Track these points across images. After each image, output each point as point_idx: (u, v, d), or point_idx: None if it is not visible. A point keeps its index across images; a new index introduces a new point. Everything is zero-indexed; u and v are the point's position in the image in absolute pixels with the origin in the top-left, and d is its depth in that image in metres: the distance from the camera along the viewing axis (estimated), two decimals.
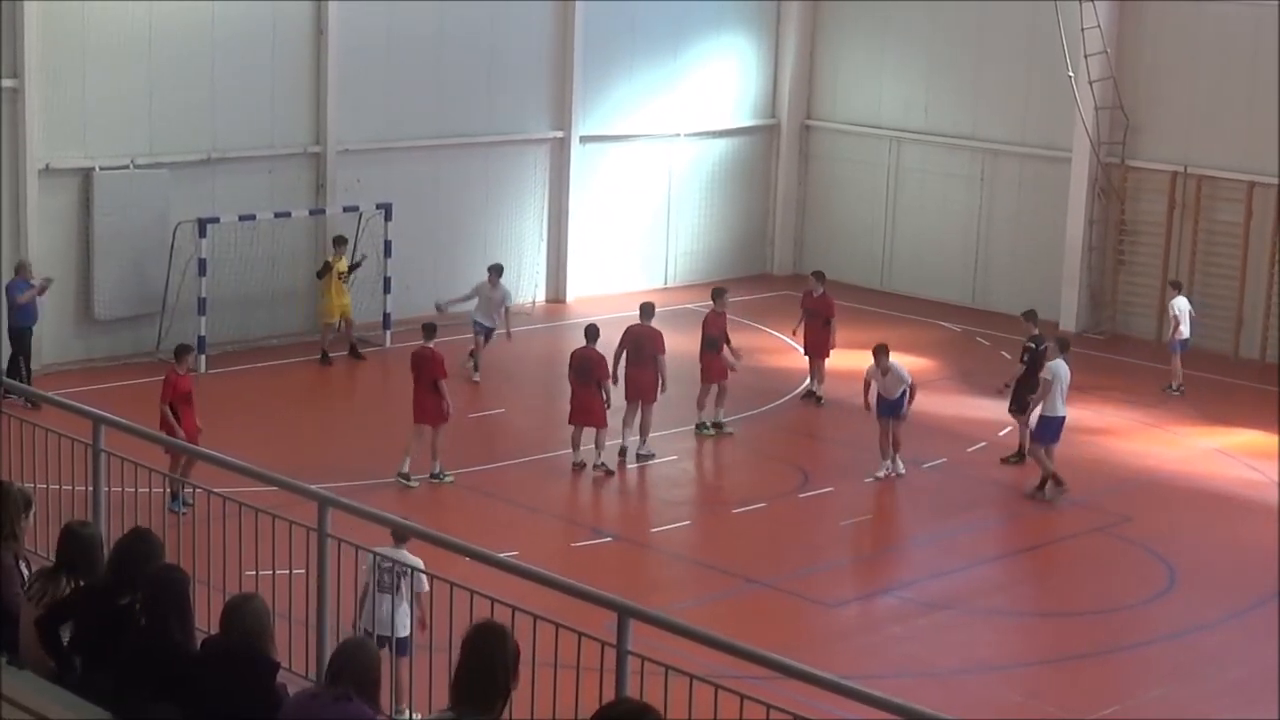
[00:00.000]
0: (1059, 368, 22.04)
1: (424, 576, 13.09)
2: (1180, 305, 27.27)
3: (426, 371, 21.62)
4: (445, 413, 21.62)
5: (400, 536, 13.25)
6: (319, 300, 28.07)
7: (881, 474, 22.34)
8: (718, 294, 25.14)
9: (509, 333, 26.78)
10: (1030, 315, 24.38)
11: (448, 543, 9.70)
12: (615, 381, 22.90)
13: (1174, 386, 27.10)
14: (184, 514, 17.18)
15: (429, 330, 22.10)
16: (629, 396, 23.13)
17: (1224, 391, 27.67)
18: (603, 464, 22.52)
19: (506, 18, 30.96)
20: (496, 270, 27.14)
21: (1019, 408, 23.52)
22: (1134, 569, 20.43)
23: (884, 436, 22.50)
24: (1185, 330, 27.18)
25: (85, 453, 11.05)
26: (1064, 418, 22.15)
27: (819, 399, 26.02)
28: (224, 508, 11.35)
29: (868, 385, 22.73)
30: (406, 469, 21.56)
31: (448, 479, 21.68)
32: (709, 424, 24.40)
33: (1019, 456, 23.47)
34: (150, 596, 8.32)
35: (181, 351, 20.83)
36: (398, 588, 13.73)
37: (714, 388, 24.38)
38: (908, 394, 22.40)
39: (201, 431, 20.17)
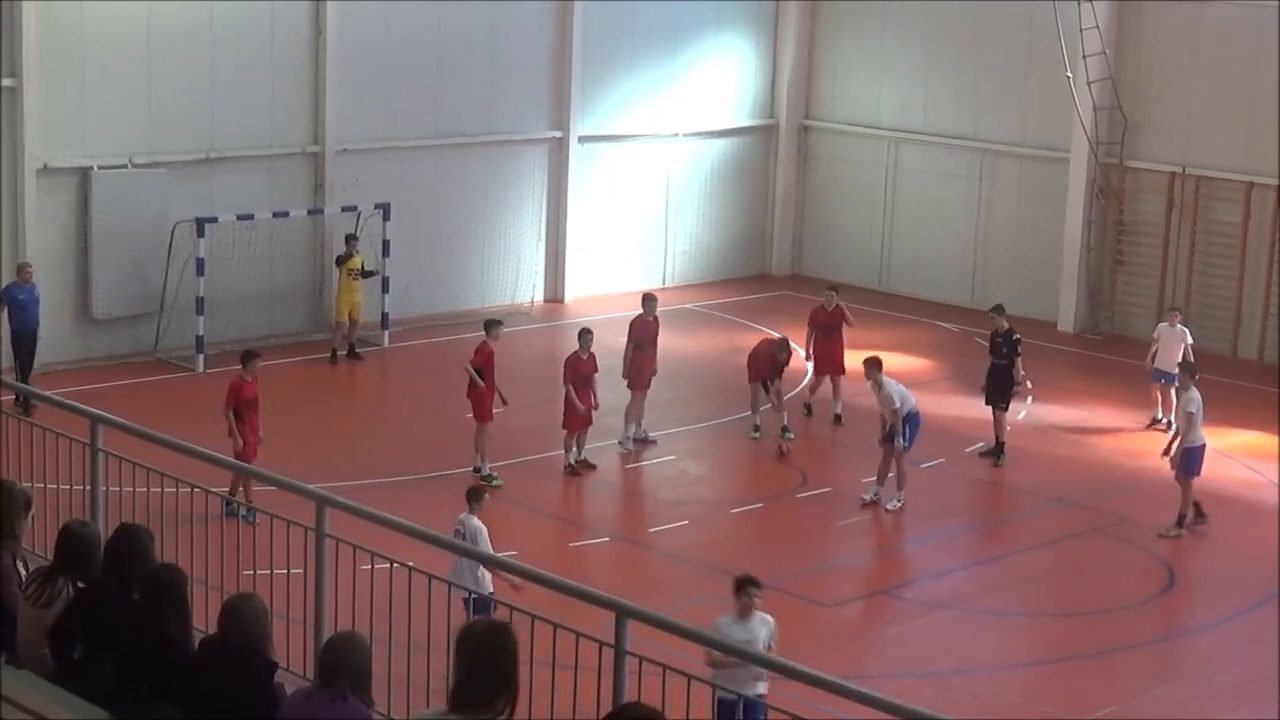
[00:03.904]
0: (1197, 396, 21.08)
1: (481, 537, 15.31)
2: (1186, 333, 25.34)
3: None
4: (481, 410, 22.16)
5: (473, 498, 16.05)
6: (334, 298, 28.10)
7: (869, 496, 21.73)
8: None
9: None
10: (999, 309, 24.27)
11: (447, 543, 9.71)
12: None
13: (1158, 420, 25.46)
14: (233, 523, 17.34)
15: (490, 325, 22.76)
16: (640, 385, 23.68)
17: (1222, 392, 27.60)
18: (585, 459, 22.68)
19: (505, 18, 30.97)
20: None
21: (1004, 402, 23.59)
22: (1133, 569, 20.43)
23: (884, 461, 21.71)
24: (1163, 360, 25.03)
25: (83, 452, 11.05)
26: (1205, 445, 21.20)
27: (838, 418, 25.20)
28: (222, 507, 11.35)
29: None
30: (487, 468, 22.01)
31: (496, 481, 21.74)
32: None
33: (999, 453, 23.56)
34: (148, 596, 8.31)
35: (247, 357, 20.77)
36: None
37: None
38: (907, 425, 21.46)
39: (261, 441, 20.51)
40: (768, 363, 24.09)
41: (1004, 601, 19.37)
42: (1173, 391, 25.24)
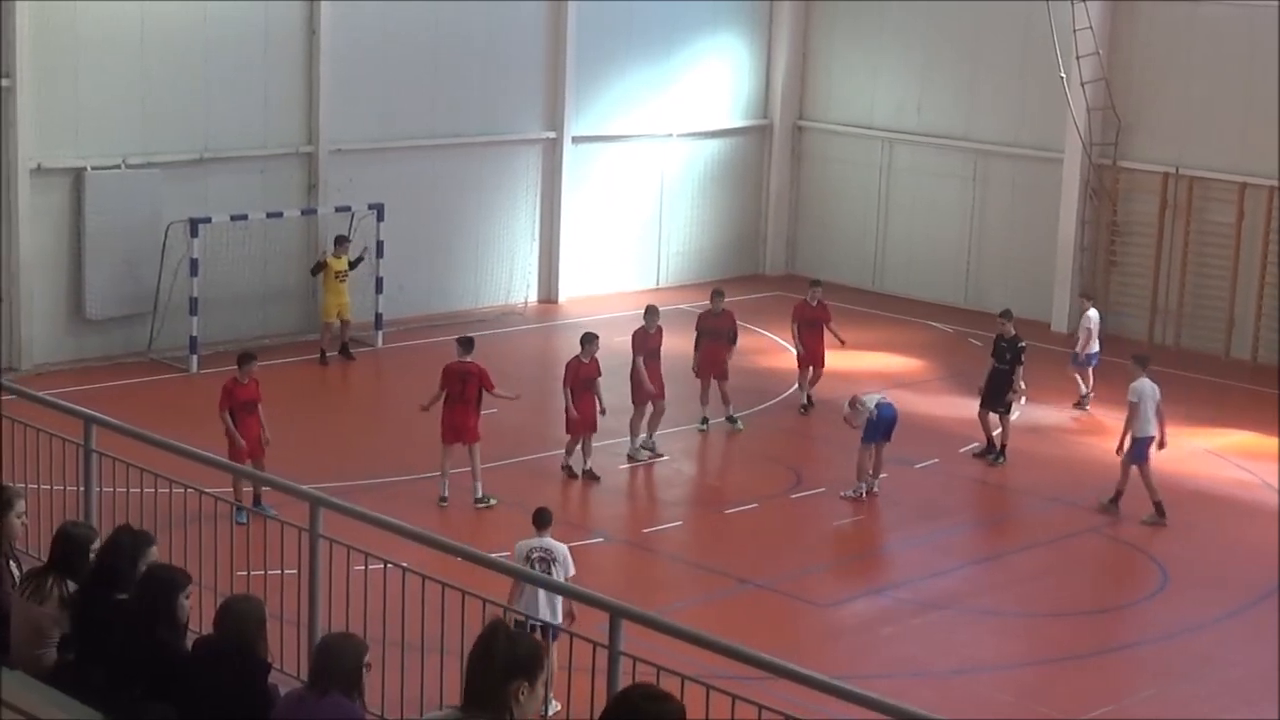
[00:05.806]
0: (1144, 387, 21.38)
1: (571, 561, 15.12)
2: (1093, 318, 26.41)
3: (473, 386, 21.03)
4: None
5: (542, 523, 15.34)
6: (321, 299, 28.10)
7: (851, 492, 21.88)
8: (718, 295, 25.26)
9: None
10: (1008, 314, 24.33)
11: (442, 544, 9.69)
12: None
13: (1084, 400, 26.34)
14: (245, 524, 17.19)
15: (466, 344, 21.39)
16: (638, 399, 23.40)
17: (1216, 392, 27.69)
18: (590, 469, 22.53)
19: (500, 18, 30.95)
20: None
21: (1004, 406, 23.65)
22: (1127, 569, 20.45)
23: (874, 460, 22.01)
24: (1095, 345, 26.30)
25: (77, 453, 11.03)
26: (1154, 437, 21.43)
27: (806, 405, 25.79)
28: (216, 508, 11.33)
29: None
30: (447, 492, 21.08)
31: (492, 502, 21.15)
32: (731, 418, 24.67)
33: (1000, 454, 23.57)
34: (141, 596, 8.30)
35: (243, 360, 20.58)
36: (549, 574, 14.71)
37: (714, 383, 24.60)
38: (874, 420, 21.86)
39: (269, 443, 20.29)
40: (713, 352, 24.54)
41: (1000, 601, 19.37)
42: (1090, 372, 26.28)
